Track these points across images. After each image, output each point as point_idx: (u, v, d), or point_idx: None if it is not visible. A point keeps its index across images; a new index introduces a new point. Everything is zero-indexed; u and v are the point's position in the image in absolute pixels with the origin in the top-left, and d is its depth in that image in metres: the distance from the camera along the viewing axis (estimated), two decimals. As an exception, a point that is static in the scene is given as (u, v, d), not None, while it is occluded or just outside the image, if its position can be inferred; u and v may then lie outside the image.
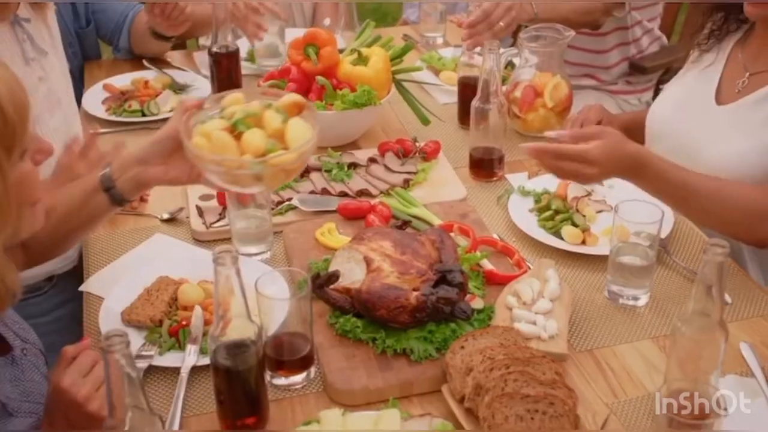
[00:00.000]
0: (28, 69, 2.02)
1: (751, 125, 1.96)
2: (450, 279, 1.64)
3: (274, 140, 1.51)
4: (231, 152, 1.49)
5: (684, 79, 2.22)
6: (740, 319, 1.77)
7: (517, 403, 1.44)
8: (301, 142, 1.51)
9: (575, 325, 1.74)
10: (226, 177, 1.52)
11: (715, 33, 2.14)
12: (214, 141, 1.49)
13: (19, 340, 1.55)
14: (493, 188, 2.19)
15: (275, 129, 1.52)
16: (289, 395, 1.58)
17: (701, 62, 2.16)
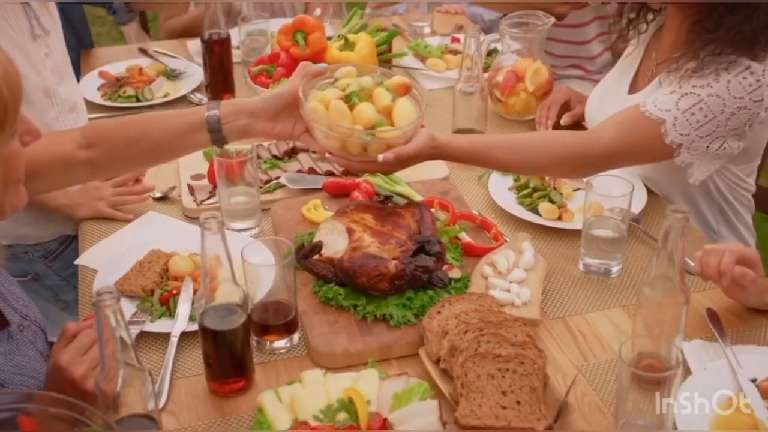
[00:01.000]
0: (35, 45, 2.13)
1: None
2: (428, 249, 1.72)
3: (381, 116, 1.68)
4: (344, 121, 1.67)
5: (612, 70, 2.33)
6: (707, 288, 1.84)
7: (489, 362, 1.52)
8: (407, 121, 1.68)
9: (549, 294, 1.82)
10: (335, 142, 1.69)
11: (633, 22, 2.21)
12: (331, 108, 1.68)
13: (18, 316, 1.62)
14: (475, 168, 2.26)
15: (384, 105, 1.70)
16: (274, 359, 1.66)
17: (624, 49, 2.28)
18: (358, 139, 1.67)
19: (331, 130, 1.68)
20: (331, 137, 1.70)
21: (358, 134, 1.66)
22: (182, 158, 2.24)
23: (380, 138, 1.67)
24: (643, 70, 2.19)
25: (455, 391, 1.51)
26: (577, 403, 1.55)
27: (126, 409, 1.36)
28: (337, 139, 1.70)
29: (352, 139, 1.68)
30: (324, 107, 1.70)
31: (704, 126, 1.89)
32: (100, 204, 2.08)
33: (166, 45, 3.10)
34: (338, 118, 1.68)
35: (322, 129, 1.69)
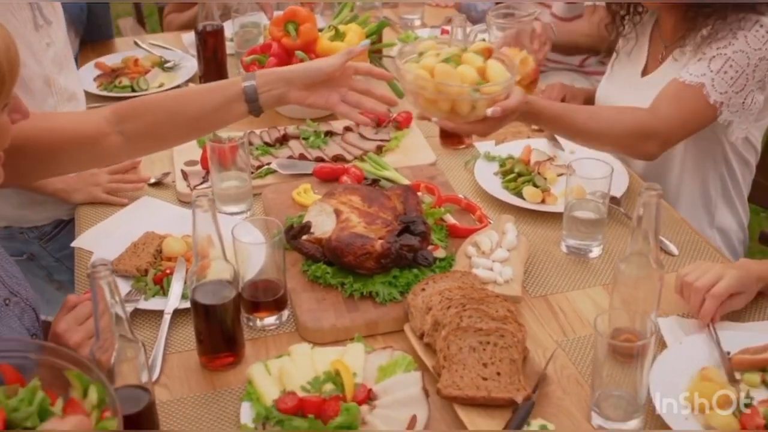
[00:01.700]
0: (37, 35, 2.19)
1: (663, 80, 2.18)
2: (413, 229, 1.77)
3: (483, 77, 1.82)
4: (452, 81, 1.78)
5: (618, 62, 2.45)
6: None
7: (470, 335, 1.57)
8: (504, 77, 1.81)
9: (532, 273, 1.87)
10: (444, 105, 1.81)
11: (625, 18, 2.38)
12: (437, 72, 1.79)
13: (7, 291, 1.66)
14: (462, 155, 2.32)
15: (477, 67, 1.82)
16: (264, 335, 1.71)
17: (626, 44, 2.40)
18: (467, 97, 1.78)
19: (441, 92, 1.78)
20: (440, 100, 1.80)
21: (467, 92, 1.77)
22: (176, 145, 2.31)
23: (487, 93, 1.79)
24: (653, 56, 2.33)
25: (438, 363, 1.56)
26: (556, 376, 1.60)
27: (120, 379, 1.41)
28: (447, 101, 1.80)
29: (462, 98, 1.79)
30: (428, 74, 1.80)
31: (737, 81, 2.06)
32: (96, 189, 2.13)
33: (161, 37, 3.16)
34: (447, 80, 1.78)
35: (430, 94, 1.79)
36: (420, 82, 1.81)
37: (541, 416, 1.48)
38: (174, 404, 1.56)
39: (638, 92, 2.25)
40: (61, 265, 2.38)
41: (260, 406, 1.48)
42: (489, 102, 1.82)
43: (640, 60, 2.36)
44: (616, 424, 1.49)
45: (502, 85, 1.81)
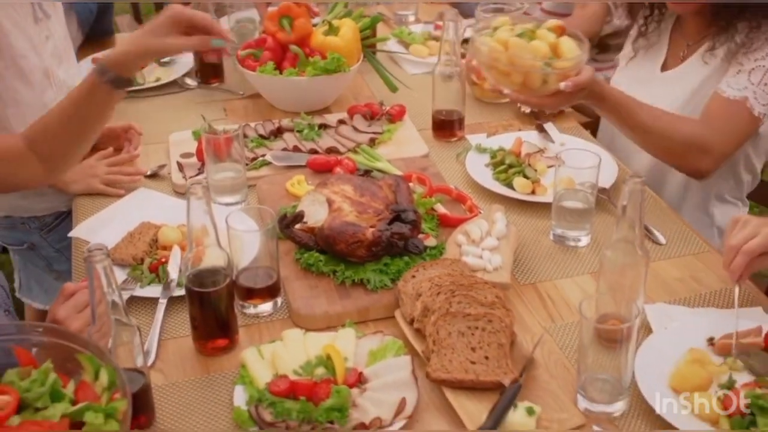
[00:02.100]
0: (37, 27, 2.22)
1: (687, 78, 2.23)
2: (404, 217, 1.81)
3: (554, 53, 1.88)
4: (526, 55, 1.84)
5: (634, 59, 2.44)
6: (675, 256, 1.94)
7: (459, 320, 1.61)
8: (575, 54, 1.86)
9: (521, 262, 1.90)
10: (516, 78, 1.88)
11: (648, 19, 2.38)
12: (512, 45, 1.85)
13: None
14: (454, 147, 2.36)
15: (550, 43, 1.88)
16: (258, 321, 1.75)
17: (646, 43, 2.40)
18: (540, 70, 1.84)
19: (514, 65, 1.84)
20: (513, 73, 1.86)
21: (540, 65, 1.83)
22: (172, 138, 2.36)
23: (559, 68, 1.85)
24: (673, 52, 2.34)
25: (427, 348, 1.60)
26: (544, 360, 1.63)
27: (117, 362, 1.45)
28: (519, 74, 1.86)
29: (534, 71, 1.84)
30: (502, 47, 1.85)
31: None
32: (93, 180, 2.17)
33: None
34: (520, 53, 1.83)
35: (503, 66, 1.85)
36: (494, 54, 1.87)
37: (528, 399, 1.51)
38: (169, 388, 1.59)
39: (658, 87, 2.27)
40: (61, 255, 2.42)
41: (253, 389, 1.51)
42: (560, 77, 1.87)
43: (658, 56, 2.36)
44: (601, 407, 1.52)
45: (573, 61, 1.86)
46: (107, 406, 1.23)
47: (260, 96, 2.60)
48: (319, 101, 2.51)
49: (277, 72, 2.43)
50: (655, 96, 2.19)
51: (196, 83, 2.73)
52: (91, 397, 1.25)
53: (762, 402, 1.48)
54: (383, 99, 2.55)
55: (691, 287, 1.84)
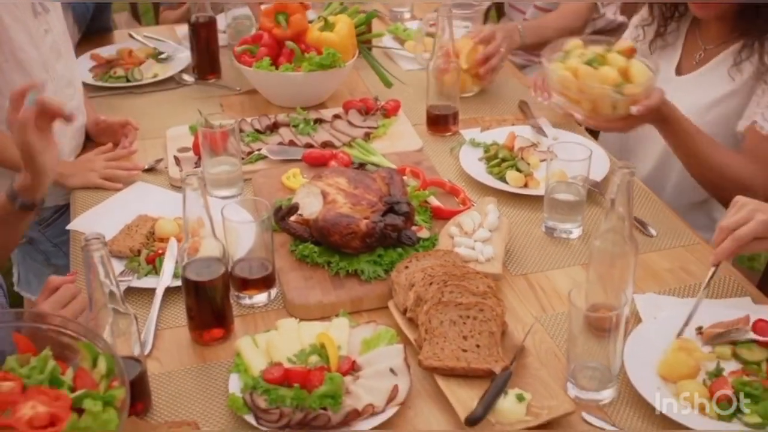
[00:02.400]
0: (36, 21, 2.25)
1: (706, 90, 2.21)
2: (397, 209, 1.83)
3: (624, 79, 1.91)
4: (595, 82, 1.88)
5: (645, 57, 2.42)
6: (665, 248, 1.96)
7: (451, 310, 1.63)
8: (645, 78, 1.88)
9: (513, 254, 1.93)
10: (586, 105, 1.91)
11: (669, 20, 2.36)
12: (581, 74, 1.88)
13: None
14: (448, 141, 2.38)
15: (620, 67, 1.90)
16: (253, 312, 1.77)
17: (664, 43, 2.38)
18: (609, 98, 1.87)
19: (583, 92, 1.87)
20: (583, 100, 1.89)
21: (609, 92, 1.86)
22: (169, 133, 2.39)
23: (628, 94, 1.87)
24: (688, 54, 2.33)
25: (419, 336, 1.62)
26: (535, 349, 1.66)
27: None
28: (589, 101, 1.89)
29: (603, 99, 1.87)
30: (572, 74, 1.89)
31: None
32: (92, 175, 2.19)
33: (155, 30, 3.22)
34: (589, 81, 1.87)
35: (573, 94, 1.89)
36: (565, 82, 1.91)
37: (519, 386, 1.53)
38: (165, 376, 1.62)
39: (675, 91, 2.19)
40: (59, 250, 2.44)
41: (248, 377, 1.53)
42: (630, 102, 1.89)
43: (672, 58, 2.35)
44: (590, 394, 1.55)
45: (643, 86, 1.88)
46: (106, 394, 1.25)
47: (257, 92, 2.62)
48: (314, 96, 2.54)
49: (273, 67, 2.45)
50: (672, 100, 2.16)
51: (193, 79, 2.76)
52: (89, 385, 1.27)
53: (749, 389, 1.51)
54: (378, 94, 2.57)
55: (680, 278, 1.87)
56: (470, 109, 2.55)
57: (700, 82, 2.26)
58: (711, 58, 2.27)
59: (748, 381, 1.53)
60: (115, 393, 1.25)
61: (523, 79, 2.84)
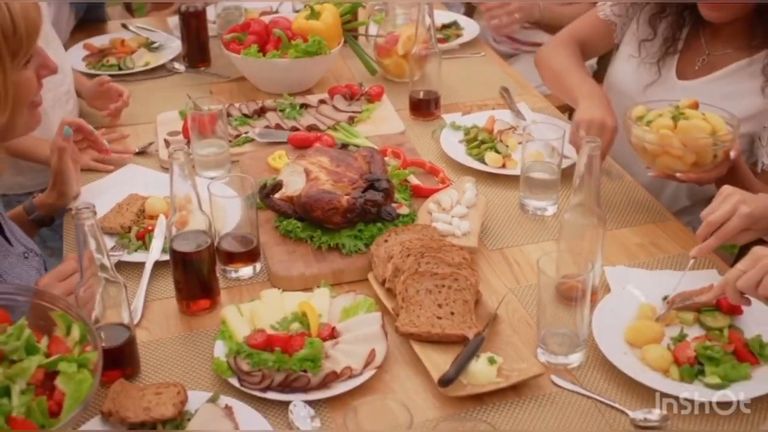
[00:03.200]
0: None
1: (719, 99, 2.13)
2: (377, 186, 1.90)
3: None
4: (698, 134, 1.90)
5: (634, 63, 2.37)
6: (637, 224, 2.04)
7: (427, 279, 1.71)
8: (729, 123, 1.93)
9: (490, 230, 2.00)
10: (689, 158, 1.92)
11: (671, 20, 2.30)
12: (680, 128, 1.91)
13: (23, 247, 1.82)
14: (430, 125, 2.46)
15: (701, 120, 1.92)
16: (239, 284, 1.85)
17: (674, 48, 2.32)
18: (711, 147, 1.90)
19: (687, 146, 1.90)
20: (686, 154, 1.91)
21: (710, 141, 1.90)
22: (160, 118, 2.46)
23: (726, 140, 1.90)
24: (688, 57, 2.28)
25: (397, 305, 1.70)
26: (508, 318, 1.73)
27: (104, 317, 1.55)
28: (692, 153, 1.91)
29: (706, 149, 1.90)
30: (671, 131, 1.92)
31: None
32: (84, 157, 2.26)
33: (147, 21, 3.29)
34: (693, 133, 1.90)
35: (677, 150, 1.91)
36: (666, 140, 1.91)
37: (491, 351, 1.60)
38: (154, 344, 1.69)
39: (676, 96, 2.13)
40: (55, 234, 2.50)
41: (232, 343, 1.61)
42: (727, 148, 1.92)
43: (671, 61, 2.30)
44: (560, 359, 1.62)
45: (734, 131, 1.92)
46: (79, 357, 1.33)
47: (245, 79, 2.70)
48: (301, 83, 2.61)
49: (261, 54, 2.53)
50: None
51: (184, 67, 2.83)
52: (63, 350, 1.35)
53: (710, 352, 1.59)
54: (363, 81, 2.64)
55: (650, 252, 1.94)
56: (453, 95, 2.63)
57: (709, 92, 2.17)
58: (719, 65, 2.22)
59: (710, 345, 1.60)
60: (89, 356, 1.34)
61: (507, 68, 2.92)
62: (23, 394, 1.28)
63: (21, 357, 1.33)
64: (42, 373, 1.31)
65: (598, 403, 1.54)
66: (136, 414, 1.44)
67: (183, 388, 1.50)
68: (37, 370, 1.31)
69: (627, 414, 1.51)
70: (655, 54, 2.31)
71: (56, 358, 1.32)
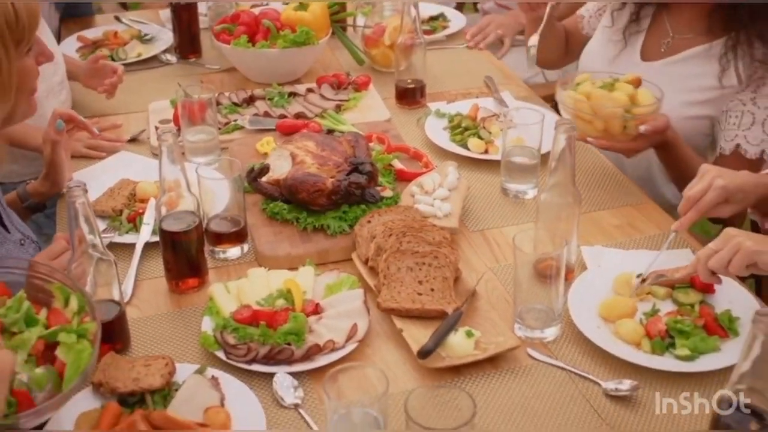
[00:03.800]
0: None
1: (679, 81, 2.26)
2: (361, 169, 1.96)
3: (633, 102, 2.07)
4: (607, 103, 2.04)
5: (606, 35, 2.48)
6: (615, 207, 2.10)
7: (408, 257, 1.76)
8: (652, 101, 2.05)
9: (471, 212, 2.06)
10: (598, 124, 2.06)
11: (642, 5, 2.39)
12: (594, 96, 2.06)
13: (20, 234, 1.88)
14: (416, 113, 2.52)
15: (629, 94, 2.06)
16: (226, 264, 1.90)
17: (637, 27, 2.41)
18: (619, 117, 2.03)
19: (597, 113, 2.03)
20: (595, 120, 2.04)
21: (620, 112, 2.02)
22: (152, 107, 2.51)
23: (637, 114, 2.03)
24: (653, 38, 2.37)
25: (379, 282, 1.75)
26: (487, 295, 1.79)
27: (95, 294, 1.60)
28: (601, 121, 2.04)
29: (614, 118, 2.03)
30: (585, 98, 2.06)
31: None
32: (76, 144, 2.32)
33: (140, 14, 3.35)
34: (602, 102, 2.04)
35: (586, 115, 2.04)
36: (578, 105, 2.05)
37: (469, 325, 1.66)
38: (143, 321, 1.75)
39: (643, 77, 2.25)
40: (50, 221, 2.55)
41: (219, 318, 1.67)
42: (638, 122, 2.03)
43: (636, 41, 2.39)
44: (535, 333, 1.68)
45: (650, 108, 2.04)
46: (78, 327, 1.37)
47: (235, 70, 2.75)
48: (289, 72, 2.67)
49: (250, 45, 2.58)
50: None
51: (176, 59, 2.89)
52: (62, 321, 1.40)
53: (680, 325, 1.65)
54: (351, 71, 2.70)
55: (627, 233, 2.00)
56: (438, 84, 2.68)
57: (670, 73, 2.27)
58: (681, 48, 2.29)
59: (681, 319, 1.66)
60: (88, 326, 1.38)
61: (492, 59, 2.98)
62: (25, 364, 1.32)
63: (21, 329, 1.37)
64: (42, 344, 1.35)
65: (572, 374, 1.60)
66: (125, 384, 1.50)
67: (171, 361, 1.55)
68: (38, 342, 1.35)
69: (599, 384, 1.57)
70: (622, 27, 2.42)
71: (56, 329, 1.36)
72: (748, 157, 2.19)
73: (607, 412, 1.52)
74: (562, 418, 1.51)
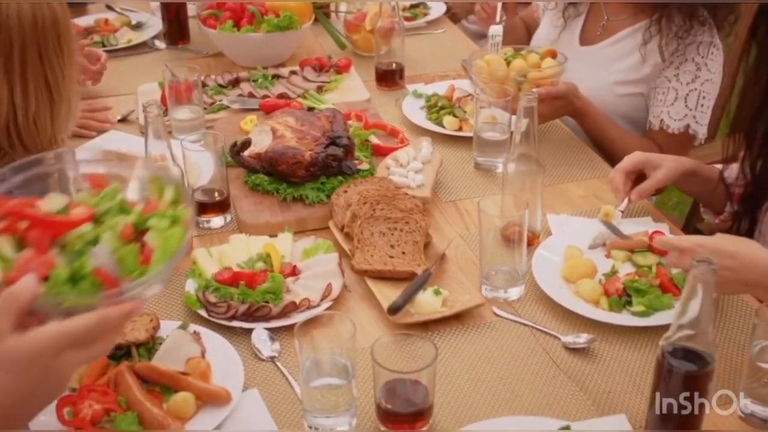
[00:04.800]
0: None
1: (612, 61, 2.41)
2: (338, 142, 2.06)
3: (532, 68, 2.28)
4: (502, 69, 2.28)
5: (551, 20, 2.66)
6: (582, 179, 2.20)
7: (381, 223, 1.86)
8: (551, 69, 2.26)
9: (445, 185, 2.16)
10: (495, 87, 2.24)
11: None
12: (492, 63, 2.27)
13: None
14: (395, 95, 2.62)
15: (534, 62, 2.28)
16: (210, 233, 2.00)
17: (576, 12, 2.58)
18: (514, 79, 2.22)
19: (492, 77, 2.23)
20: (493, 82, 2.23)
21: (513, 76, 2.23)
22: (140, 89, 2.61)
23: (530, 78, 2.23)
24: (591, 23, 2.52)
25: (353, 246, 1.85)
26: (456, 259, 1.89)
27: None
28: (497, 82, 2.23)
29: (509, 81, 2.22)
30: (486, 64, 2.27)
31: (711, 104, 2.33)
32: None
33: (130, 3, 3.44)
34: (498, 67, 2.25)
35: (484, 78, 2.25)
36: (478, 70, 2.27)
37: (438, 285, 1.76)
38: (131, 283, 1.84)
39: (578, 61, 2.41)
40: None
41: (201, 280, 1.76)
42: (532, 86, 2.20)
43: (575, 26, 2.54)
44: (500, 292, 1.78)
45: (545, 72, 2.22)
46: (172, 213, 1.24)
47: (222, 55, 2.85)
48: (274, 56, 2.77)
49: (235, 29, 2.68)
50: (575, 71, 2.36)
51: (165, 45, 2.99)
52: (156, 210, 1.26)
53: (636, 284, 1.74)
54: (333, 56, 2.80)
55: (591, 203, 2.10)
56: (417, 67, 2.78)
57: (605, 55, 2.42)
58: (615, 30, 2.44)
59: (637, 279, 1.76)
60: (180, 213, 1.25)
61: (471, 44, 3.08)
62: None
63: (115, 217, 1.23)
64: (130, 229, 1.21)
65: (533, 330, 1.70)
66: (112, 338, 1.59)
67: (156, 317, 1.65)
68: (126, 227, 1.21)
69: (559, 338, 1.67)
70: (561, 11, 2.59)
71: (148, 216, 1.23)
72: (670, 131, 2.34)
73: (565, 362, 1.62)
74: (522, 367, 1.61)
